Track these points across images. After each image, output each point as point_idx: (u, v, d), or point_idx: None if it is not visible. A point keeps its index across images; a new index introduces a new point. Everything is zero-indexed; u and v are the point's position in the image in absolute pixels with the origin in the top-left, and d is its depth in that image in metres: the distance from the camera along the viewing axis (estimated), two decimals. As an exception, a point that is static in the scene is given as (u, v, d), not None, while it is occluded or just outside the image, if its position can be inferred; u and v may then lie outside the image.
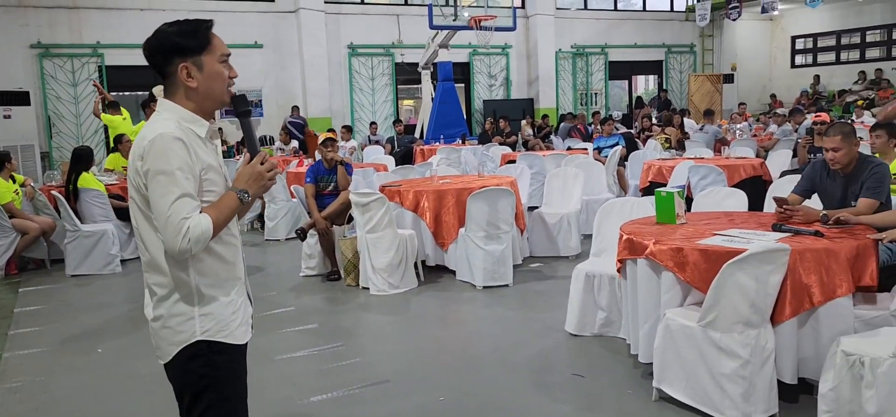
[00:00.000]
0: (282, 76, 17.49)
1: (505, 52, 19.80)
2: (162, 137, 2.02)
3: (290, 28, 17.45)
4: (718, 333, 3.36)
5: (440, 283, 6.39)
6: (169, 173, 2.00)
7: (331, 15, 17.75)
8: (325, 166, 6.88)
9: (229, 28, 16.70)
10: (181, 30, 2.12)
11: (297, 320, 5.47)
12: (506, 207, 6.12)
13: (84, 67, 15.91)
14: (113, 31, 15.93)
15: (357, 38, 18.22)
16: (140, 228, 2.14)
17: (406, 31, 18.55)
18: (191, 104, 2.15)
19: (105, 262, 7.38)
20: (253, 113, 17.26)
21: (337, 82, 18.02)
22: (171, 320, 2.13)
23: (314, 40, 17.41)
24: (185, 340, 2.13)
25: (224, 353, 2.18)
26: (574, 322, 4.78)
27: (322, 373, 4.34)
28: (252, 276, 6.99)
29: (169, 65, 2.12)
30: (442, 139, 14.64)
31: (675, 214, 4.26)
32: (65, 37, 15.63)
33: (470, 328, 5.31)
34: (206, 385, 2.16)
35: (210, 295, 2.15)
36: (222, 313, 2.17)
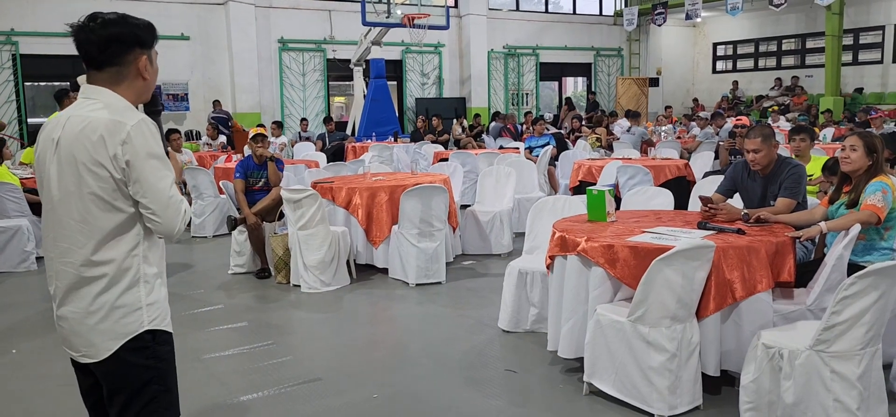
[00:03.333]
0: (209, 70, 17.04)
1: (437, 50, 19.84)
2: (145, 122, 2.05)
3: (218, 21, 17.03)
4: (647, 327, 3.45)
5: (372, 281, 6.35)
6: (160, 157, 2.04)
7: (261, 8, 17.40)
8: (256, 162, 6.74)
9: (154, 19, 15.59)
10: (138, 23, 2.14)
11: (225, 318, 5.33)
12: (439, 204, 6.13)
13: (-3, 54, 15.12)
14: (28, 19, 15.19)
15: (288, 32, 17.93)
16: (87, 217, 2.03)
17: (338, 26, 18.36)
18: (132, 96, 2.14)
19: (20, 259, 7.02)
20: (178, 107, 16.80)
21: (267, 77, 17.68)
22: (114, 312, 2.06)
23: (243, 34, 17.04)
24: (132, 331, 2.08)
25: (167, 343, 2.19)
26: (507, 319, 4.82)
27: (252, 372, 4.24)
28: (179, 273, 6.79)
29: (127, 54, 2.10)
30: (374, 137, 14.56)
31: (606, 212, 4.35)
32: (-26, 22, 14.84)
33: (403, 325, 5.30)
34: (151, 376, 2.13)
35: (154, 283, 2.14)
36: (162, 302, 2.17)
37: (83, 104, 2.08)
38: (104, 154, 1.98)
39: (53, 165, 2.05)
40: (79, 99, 2.11)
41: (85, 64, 2.09)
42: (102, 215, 2.02)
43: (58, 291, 2.11)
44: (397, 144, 13.07)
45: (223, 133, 14.68)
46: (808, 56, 21.32)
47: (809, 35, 21.00)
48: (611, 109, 20.03)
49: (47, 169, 2.08)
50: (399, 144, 13.50)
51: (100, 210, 2.02)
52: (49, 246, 2.11)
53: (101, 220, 2.03)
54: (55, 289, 2.13)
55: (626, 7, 22.03)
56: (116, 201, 2.02)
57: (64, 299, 2.10)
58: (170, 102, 16.75)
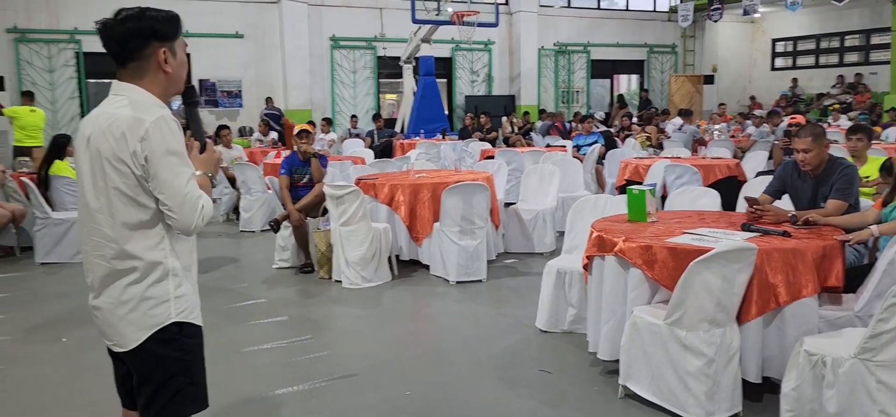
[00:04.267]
0: (262, 67, 17.33)
1: (487, 48, 19.78)
2: (165, 119, 2.06)
3: (271, 19, 17.30)
4: (684, 331, 3.36)
5: (414, 277, 6.36)
6: (178, 154, 2.06)
7: (313, 6, 17.62)
8: (300, 158, 6.82)
9: (209, 17, 16.54)
10: (161, 16, 2.16)
11: (267, 312, 5.41)
12: (480, 202, 6.10)
13: (61, 52, 15.68)
14: (91, 18, 15.64)
15: (339, 30, 18.11)
16: (114, 210, 2.08)
17: (389, 24, 18.46)
18: (158, 89, 2.16)
19: (76, 250, 7.25)
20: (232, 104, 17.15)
21: (318, 75, 17.90)
22: (143, 303, 2.10)
23: (296, 32, 17.28)
24: (159, 323, 2.12)
25: (195, 336, 2.21)
26: (544, 319, 4.77)
27: (288, 366, 4.29)
28: (225, 267, 6.93)
29: (146, 48, 2.13)
30: (422, 134, 14.60)
31: (647, 212, 4.27)
32: (42, 22, 15.39)
33: (441, 322, 5.29)
34: (177, 368, 2.17)
35: (182, 277, 2.17)
36: (191, 295, 2.20)
37: (112, 101, 2.13)
38: (125, 151, 2.02)
39: (85, 161, 2.11)
40: (109, 96, 2.16)
41: (114, 61, 2.14)
42: (127, 210, 2.06)
43: (93, 282, 2.17)
44: (445, 142, 13.08)
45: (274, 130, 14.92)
46: (873, 52, 20.50)
47: (874, 30, 20.19)
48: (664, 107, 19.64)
49: (81, 165, 2.14)
50: (446, 141, 13.51)
51: (124, 205, 2.06)
52: (84, 239, 2.17)
53: (126, 215, 2.07)
54: (91, 281, 2.19)
55: (681, 3, 21.53)
56: (139, 197, 2.05)
57: (98, 290, 2.16)
58: (224, 99, 17.12)
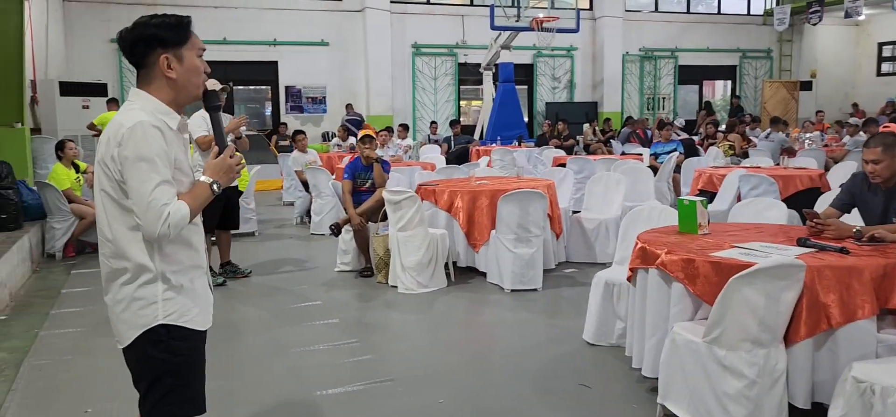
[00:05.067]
0: (346, 74, 17.75)
1: (570, 54, 19.53)
2: (141, 125, 2.07)
3: (355, 27, 17.69)
4: (724, 350, 3.19)
5: (470, 284, 6.33)
6: (149, 160, 2.06)
7: (396, 14, 17.91)
8: (363, 163, 6.92)
9: (296, 27, 17.10)
10: (164, 22, 2.19)
11: (320, 314, 5.51)
12: (537, 210, 6.01)
13: (158, 61, 16.55)
14: (187, 28, 16.49)
15: (421, 37, 18.33)
16: (107, 213, 2.17)
17: (470, 31, 18.53)
18: (166, 96, 2.20)
19: (153, 249, 7.63)
20: (316, 110, 17.62)
21: (400, 81, 18.16)
22: (133, 303, 2.15)
23: (379, 39, 17.61)
24: (146, 324, 2.16)
25: (184, 339, 2.21)
26: (592, 331, 4.64)
27: (331, 367, 4.35)
28: (289, 269, 7.11)
29: (149, 55, 2.17)
30: (498, 141, 14.54)
31: (697, 223, 4.08)
32: (141, 32, 16.28)
33: (488, 331, 5.24)
34: (165, 370, 2.19)
35: (174, 281, 2.18)
36: (184, 299, 2.21)
37: (123, 107, 2.21)
38: (108, 155, 2.09)
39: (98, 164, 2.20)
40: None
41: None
42: (116, 213, 2.14)
43: (102, 280, 2.26)
44: (520, 149, 12.99)
45: (354, 135, 15.22)
46: None
47: None
48: (757, 115, 18.81)
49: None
50: (522, 148, 13.42)
51: (113, 208, 2.14)
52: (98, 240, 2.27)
53: (116, 217, 2.14)
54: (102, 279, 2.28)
55: (777, 5, 20.62)
56: (123, 201, 2.11)
57: (105, 288, 2.25)
58: (309, 105, 17.63)
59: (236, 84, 17.58)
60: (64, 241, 7.80)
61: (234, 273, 6.68)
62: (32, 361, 4.53)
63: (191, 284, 2.24)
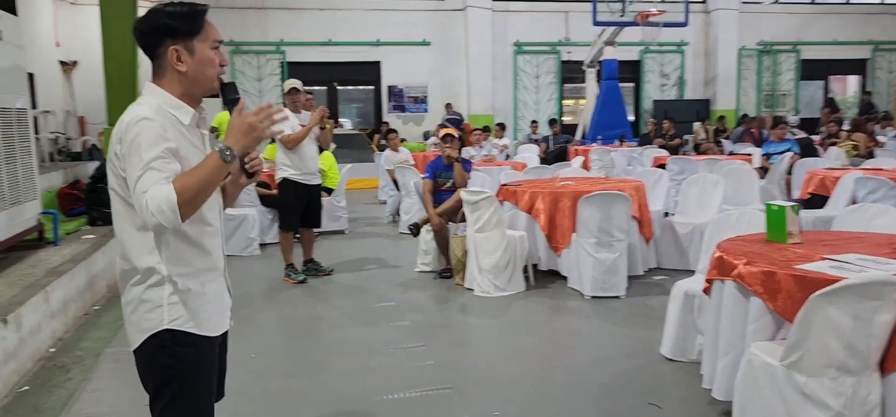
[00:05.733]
0: (447, 73, 17.77)
1: (680, 49, 18.69)
2: (141, 120, 1.98)
3: (457, 26, 17.68)
4: (804, 376, 2.82)
5: (549, 289, 6.08)
6: (139, 154, 1.94)
7: (498, 12, 17.75)
8: (445, 163, 6.81)
9: (399, 27, 17.29)
10: (175, 12, 2.08)
11: (392, 315, 5.44)
12: (620, 213, 5.68)
13: (268, 62, 17.20)
14: (295, 30, 17.05)
15: (523, 35, 18.08)
16: (116, 212, 2.11)
17: (574, 28, 18.10)
18: (178, 89, 2.11)
19: (244, 245, 7.85)
20: (417, 109, 17.73)
21: (501, 80, 17.99)
22: (140, 306, 2.09)
23: (480, 38, 17.52)
24: (152, 328, 2.08)
25: (191, 345, 2.12)
26: (670, 346, 4.30)
27: (391, 372, 4.25)
28: (371, 268, 7.10)
29: (159, 46, 2.08)
30: (599, 140, 14.08)
31: (787, 231, 3.68)
32: (253, 35, 16.98)
33: (560, 339, 4.99)
34: (170, 376, 2.11)
35: (181, 285, 2.09)
36: (192, 303, 2.11)
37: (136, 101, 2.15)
38: (112, 152, 2.02)
39: None
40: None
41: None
42: (123, 211, 2.07)
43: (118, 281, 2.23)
44: (620, 149, 12.51)
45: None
46: None
47: None
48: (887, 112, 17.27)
49: None
50: (624, 147, 12.92)
51: (120, 205, 2.07)
52: None
53: (123, 216, 2.07)
54: None
55: (915, -8, 18.88)
56: (128, 198, 2.02)
57: (120, 288, 2.21)
58: (410, 104, 17.78)
59: (340, 84, 18.01)
60: (164, 235, 8.15)
61: (315, 271, 6.74)
62: (111, 351, 4.70)
63: (201, 288, 2.14)
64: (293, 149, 6.29)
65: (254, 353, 4.62)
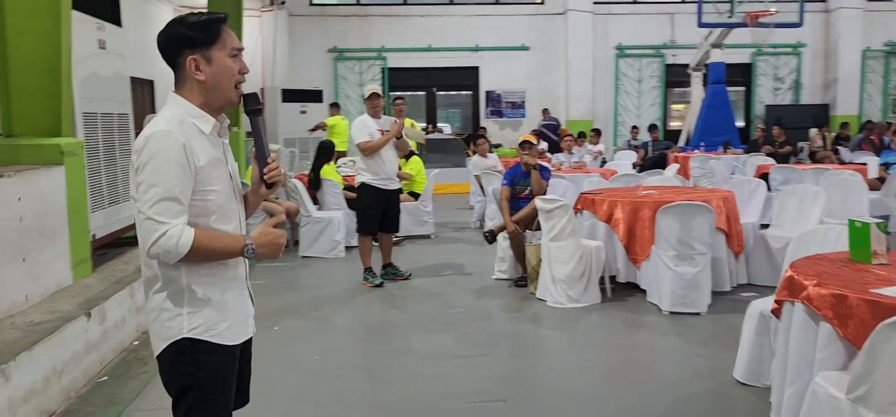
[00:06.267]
0: (545, 78, 17.55)
1: (796, 51, 17.60)
2: (160, 134, 2.03)
3: (557, 30, 17.43)
4: (872, 413, 2.55)
5: (626, 303, 5.85)
6: (158, 171, 2.00)
7: (599, 15, 17.36)
8: (523, 169, 6.70)
9: (498, 32, 17.23)
10: (192, 22, 2.12)
11: (461, 323, 5.39)
12: (701, 225, 5.39)
13: (369, 68, 17.58)
14: (395, 36, 17.35)
15: (626, 38, 17.59)
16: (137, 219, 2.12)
17: (680, 30, 17.42)
18: (198, 98, 2.14)
19: (330, 247, 8.03)
20: (515, 115, 17.60)
21: (601, 84, 17.58)
22: (161, 314, 2.13)
23: (580, 42, 17.20)
24: (172, 336, 2.12)
25: (210, 353, 2.15)
26: (742, 369, 4.02)
27: (448, 382, 4.20)
28: (449, 273, 7.09)
29: (179, 56, 2.12)
30: (702, 147, 13.46)
31: (871, 251, 3.36)
32: (355, 42, 17.40)
33: (630, 355, 4.77)
34: (190, 383, 2.14)
35: (200, 294, 2.12)
36: (212, 313, 2.14)
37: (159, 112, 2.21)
38: (133, 164, 2.07)
39: None
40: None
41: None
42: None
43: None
44: (723, 156, 11.91)
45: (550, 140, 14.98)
46: None
47: None
48: None
49: None
50: (728, 155, 12.29)
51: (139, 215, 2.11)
52: None
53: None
54: None
55: None
56: None
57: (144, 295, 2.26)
58: (508, 110, 17.69)
59: (440, 89, 18.15)
60: (256, 235, 8.46)
61: (393, 276, 6.80)
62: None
63: (221, 296, 2.16)
64: (371, 155, 6.38)
65: (317, 355, 4.71)
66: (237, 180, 2.29)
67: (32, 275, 4.50)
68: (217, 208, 2.14)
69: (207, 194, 2.11)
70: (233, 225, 2.20)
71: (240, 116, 10.27)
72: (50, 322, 4.10)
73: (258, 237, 2.13)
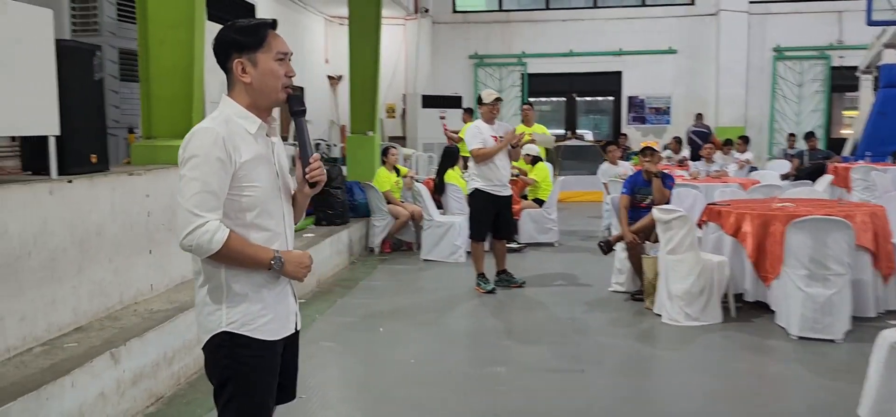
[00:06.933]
0: (693, 82, 16.71)
1: None
2: (202, 130, 2.14)
3: (707, 32, 16.54)
4: None
5: (752, 324, 5.38)
6: (198, 166, 2.08)
7: (755, 15, 16.28)
8: (644, 177, 6.38)
9: (642, 35, 16.62)
10: (240, 27, 2.22)
11: (562, 335, 5.22)
12: (838, 242, 4.85)
13: (509, 74, 17.57)
14: (536, 42, 17.21)
15: (786, 39, 16.34)
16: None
17: (849, 29, 15.91)
18: (245, 100, 2.22)
19: (450, 251, 8.05)
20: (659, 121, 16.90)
21: (755, 88, 16.44)
22: (204, 308, 2.22)
23: (734, 44, 16.21)
24: (213, 329, 2.20)
25: (247, 347, 2.20)
26: (868, 407, 3.55)
27: (533, 394, 4.06)
28: (562, 283, 6.90)
29: (228, 60, 2.21)
30: (868, 157, 12.18)
31: None
32: (496, 48, 17.46)
33: (743, 381, 4.36)
34: (228, 375, 2.21)
35: (238, 291, 2.19)
36: (249, 307, 2.20)
37: None
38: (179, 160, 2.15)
39: None
40: None
41: None
42: None
43: None
44: (891, 167, 10.71)
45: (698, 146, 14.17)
46: None
47: None
48: None
49: None
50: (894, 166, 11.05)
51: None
52: None
53: None
54: None
55: None
56: None
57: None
58: (651, 115, 17.01)
59: (580, 95, 17.77)
60: (381, 238, 8.67)
61: (507, 283, 6.70)
62: (292, 343, 5.08)
63: (257, 292, 2.21)
64: (483, 162, 6.33)
65: (413, 359, 4.72)
66: (286, 178, 2.33)
67: (158, 266, 4.85)
68: (258, 204, 2.20)
69: (249, 190, 2.17)
70: (274, 222, 2.25)
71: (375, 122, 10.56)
72: (167, 311, 4.40)
73: (288, 254, 2.23)
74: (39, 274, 3.74)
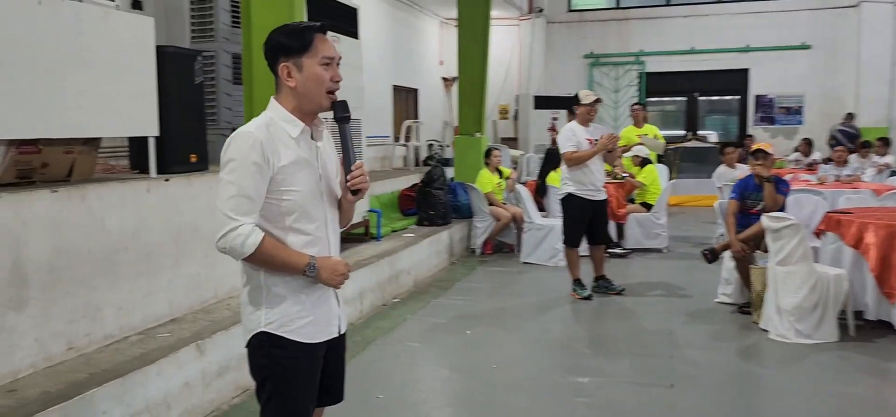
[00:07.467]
0: (829, 80, 15.50)
1: None
2: (241, 134, 2.16)
3: (846, 26, 15.29)
4: None
5: (873, 344, 4.88)
6: (235, 170, 2.11)
7: (903, 6, 14.86)
8: (755, 182, 5.94)
9: (772, 30, 15.63)
10: (288, 30, 2.23)
11: (657, 347, 4.96)
12: (975, 258, 4.30)
13: (626, 73, 17.03)
14: (655, 39, 16.57)
15: (937, 32, 14.83)
16: None
17: None
18: (290, 104, 2.23)
19: (550, 254, 7.87)
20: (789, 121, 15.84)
21: (904, 87, 15.02)
22: (246, 308, 2.26)
23: (877, 38, 14.88)
24: (253, 329, 2.23)
25: (284, 349, 2.21)
26: None
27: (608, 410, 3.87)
28: (663, 292, 6.57)
29: (276, 64, 2.23)
30: None
31: None
32: (613, 47, 16.97)
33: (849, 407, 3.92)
34: (267, 375, 2.24)
35: (277, 293, 2.20)
36: (288, 309, 2.21)
37: None
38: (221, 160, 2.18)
39: None
40: None
41: None
42: None
43: None
44: None
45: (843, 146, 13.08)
46: None
47: None
48: None
49: None
50: None
51: None
52: None
53: None
54: None
55: None
56: None
57: None
58: (781, 115, 15.96)
59: (703, 95, 16.93)
60: (483, 239, 8.62)
61: (605, 289, 6.45)
62: (382, 340, 5.12)
63: (296, 295, 2.21)
64: (576, 166, 6.13)
65: (495, 364, 4.63)
66: (330, 183, 2.32)
67: (253, 262, 5.03)
68: (297, 208, 2.20)
69: (288, 194, 2.17)
70: (315, 226, 2.24)
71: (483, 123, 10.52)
72: (257, 306, 4.55)
73: (323, 261, 2.20)
74: (136, 267, 3.97)
